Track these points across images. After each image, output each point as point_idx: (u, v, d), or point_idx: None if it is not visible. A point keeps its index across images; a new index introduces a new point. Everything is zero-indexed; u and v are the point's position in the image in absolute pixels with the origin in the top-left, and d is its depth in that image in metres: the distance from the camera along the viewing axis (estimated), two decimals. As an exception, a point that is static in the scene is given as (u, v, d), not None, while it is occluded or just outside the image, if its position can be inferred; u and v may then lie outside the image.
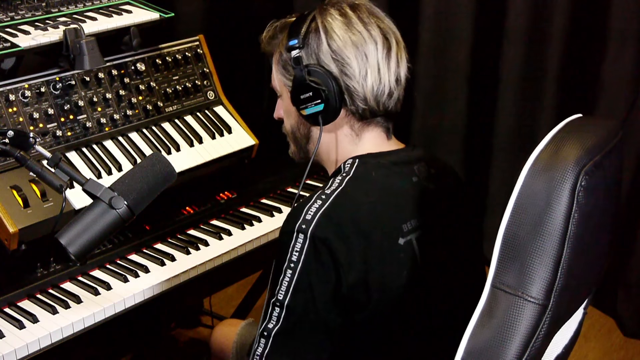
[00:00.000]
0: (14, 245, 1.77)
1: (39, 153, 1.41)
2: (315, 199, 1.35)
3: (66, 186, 1.35)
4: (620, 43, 2.68)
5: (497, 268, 1.09)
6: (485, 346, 1.09)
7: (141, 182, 1.34)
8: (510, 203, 1.08)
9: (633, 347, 2.83)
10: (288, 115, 1.53)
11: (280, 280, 1.33)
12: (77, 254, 1.28)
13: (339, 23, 1.40)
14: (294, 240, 1.32)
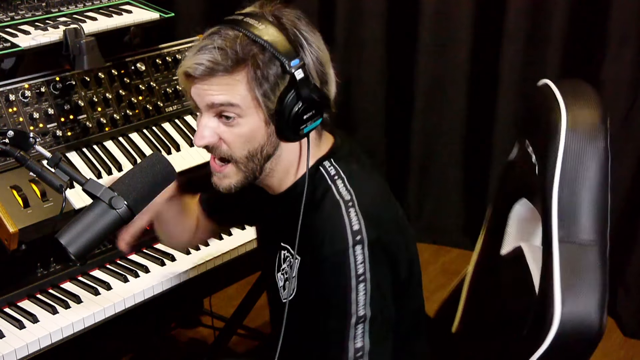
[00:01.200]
0: (14, 245, 1.77)
1: (39, 153, 1.41)
2: (345, 210, 1.35)
3: (66, 186, 1.35)
4: (620, 43, 2.68)
5: (560, 225, 1.24)
6: (581, 300, 1.21)
7: (141, 182, 1.32)
8: (557, 167, 1.25)
9: (633, 347, 2.83)
10: (249, 139, 1.35)
11: (353, 299, 1.32)
12: (77, 254, 1.28)
13: (314, 35, 1.36)
14: (353, 255, 1.32)
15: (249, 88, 1.31)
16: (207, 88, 1.32)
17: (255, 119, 1.33)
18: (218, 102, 1.32)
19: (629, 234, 2.87)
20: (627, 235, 2.87)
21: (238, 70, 1.30)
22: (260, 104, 1.32)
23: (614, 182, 2.23)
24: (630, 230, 2.86)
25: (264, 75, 1.30)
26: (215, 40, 1.31)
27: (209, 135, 1.35)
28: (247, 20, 1.32)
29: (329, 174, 1.41)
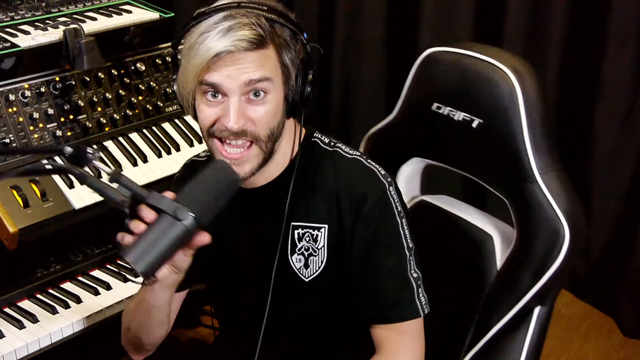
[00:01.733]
0: (14, 245, 1.77)
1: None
2: (365, 160, 1.44)
3: (129, 202, 1.24)
4: (620, 43, 2.68)
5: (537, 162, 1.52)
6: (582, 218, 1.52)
7: (204, 191, 1.25)
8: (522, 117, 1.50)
9: (633, 347, 2.83)
10: (274, 116, 1.37)
11: (403, 234, 1.42)
12: (145, 272, 1.19)
13: None
14: (391, 195, 1.42)
15: (279, 58, 1.34)
16: (241, 66, 1.30)
17: (279, 93, 1.36)
18: (256, 78, 1.31)
19: (629, 234, 2.86)
20: (627, 235, 2.87)
21: (268, 43, 1.32)
22: (289, 74, 1.36)
23: (614, 183, 2.28)
24: (630, 230, 2.86)
25: (287, 44, 1.34)
26: (236, 19, 1.30)
27: (243, 116, 1.34)
28: (245, 4, 1.33)
29: (324, 142, 1.48)
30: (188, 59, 1.32)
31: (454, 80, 1.61)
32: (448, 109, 1.61)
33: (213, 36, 1.29)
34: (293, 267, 1.46)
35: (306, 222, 1.44)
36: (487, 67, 1.55)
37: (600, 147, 2.83)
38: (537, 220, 1.48)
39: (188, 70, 1.33)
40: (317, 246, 1.44)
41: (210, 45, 1.28)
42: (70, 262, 1.92)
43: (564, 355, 2.77)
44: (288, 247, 1.46)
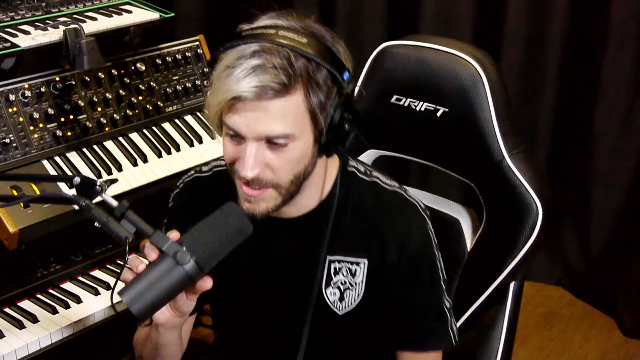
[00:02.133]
0: (14, 245, 1.77)
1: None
2: (405, 193, 1.43)
3: (132, 238, 1.21)
4: (620, 43, 2.68)
5: (504, 143, 1.58)
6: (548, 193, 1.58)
7: (211, 235, 1.19)
8: (490, 104, 1.56)
9: (633, 347, 2.83)
10: (297, 163, 1.27)
11: (438, 266, 1.43)
12: (140, 314, 1.15)
13: (343, 45, 1.32)
14: (431, 231, 1.42)
15: (306, 103, 1.23)
16: (259, 117, 1.22)
17: (307, 139, 1.26)
18: (273, 135, 1.23)
19: (629, 234, 2.87)
20: (627, 235, 2.87)
21: (295, 87, 1.21)
22: (317, 119, 1.25)
23: (614, 183, 2.28)
24: (630, 231, 2.86)
25: (318, 86, 1.24)
26: (263, 58, 1.20)
27: (259, 165, 1.25)
28: (283, 33, 1.23)
29: (361, 172, 1.43)
30: (213, 90, 1.25)
31: (414, 72, 1.64)
32: (409, 100, 1.64)
33: (236, 74, 1.20)
34: (327, 300, 1.41)
35: (344, 255, 1.39)
36: (449, 58, 1.60)
37: (600, 147, 2.83)
38: (509, 199, 1.54)
39: (211, 102, 1.25)
40: (355, 280, 1.40)
41: (229, 87, 1.21)
42: (70, 262, 1.92)
43: (564, 355, 2.77)
44: (323, 280, 1.41)
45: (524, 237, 1.52)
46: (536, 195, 1.52)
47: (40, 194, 1.73)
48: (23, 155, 1.89)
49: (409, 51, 1.67)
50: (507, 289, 1.58)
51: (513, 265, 1.54)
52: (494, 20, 2.84)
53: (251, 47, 1.21)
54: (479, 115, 1.56)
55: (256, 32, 1.24)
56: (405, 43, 1.68)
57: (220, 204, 1.23)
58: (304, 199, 1.36)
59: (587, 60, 2.77)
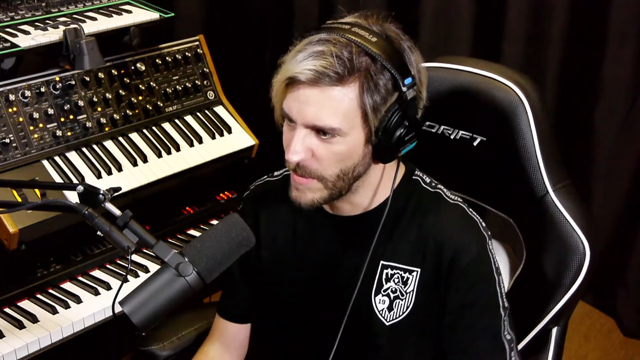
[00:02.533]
0: (14, 245, 1.77)
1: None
2: (467, 209, 1.37)
3: (134, 247, 1.22)
4: (620, 43, 2.68)
5: (549, 177, 1.48)
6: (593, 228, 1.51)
7: (213, 247, 1.19)
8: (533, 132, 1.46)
9: (633, 347, 2.83)
10: (344, 158, 1.27)
11: (498, 292, 1.35)
12: (140, 325, 1.15)
13: (417, 52, 1.30)
14: (490, 251, 1.35)
15: (359, 100, 1.22)
16: (312, 102, 1.22)
17: (356, 137, 1.25)
18: (319, 125, 1.23)
19: (629, 234, 2.87)
20: (627, 235, 2.87)
21: (350, 80, 1.21)
22: (368, 119, 1.24)
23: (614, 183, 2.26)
24: (630, 231, 2.86)
25: (376, 87, 1.22)
26: (326, 46, 1.21)
27: (304, 150, 1.25)
28: (355, 30, 1.24)
29: (425, 182, 1.40)
30: (279, 71, 1.27)
31: (448, 98, 1.52)
32: (443, 127, 1.54)
33: (299, 57, 1.22)
34: (375, 307, 1.38)
35: (398, 262, 1.37)
36: (487, 82, 1.48)
37: (601, 147, 2.83)
38: (553, 238, 1.43)
39: (275, 84, 1.28)
40: (406, 289, 1.36)
41: (289, 67, 1.23)
42: (70, 262, 1.92)
43: (564, 355, 2.77)
44: (373, 286, 1.38)
45: (568, 280, 1.41)
46: (583, 234, 1.41)
47: (43, 201, 1.73)
48: (23, 155, 1.89)
49: (442, 74, 1.54)
50: (549, 334, 1.47)
51: (557, 311, 1.42)
52: (494, 20, 2.84)
53: (320, 35, 1.24)
54: (520, 145, 1.44)
55: (333, 25, 1.26)
56: (439, 65, 1.56)
57: (287, 206, 1.28)
58: (358, 199, 1.36)
59: (587, 60, 2.77)
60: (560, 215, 1.42)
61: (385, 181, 1.37)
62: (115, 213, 1.24)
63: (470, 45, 2.99)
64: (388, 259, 1.37)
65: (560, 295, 1.42)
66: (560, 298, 1.42)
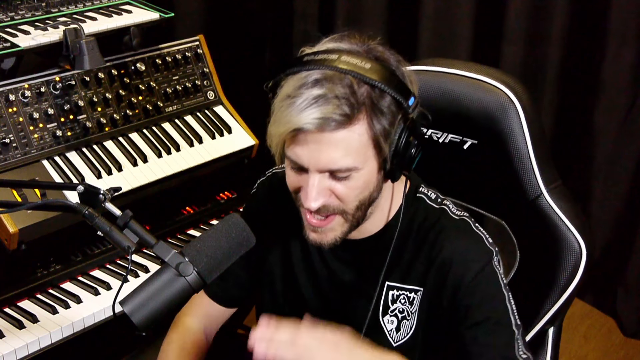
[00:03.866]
0: (14, 245, 1.77)
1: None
2: (474, 225, 1.34)
3: (135, 247, 1.22)
4: (620, 43, 2.68)
5: (542, 178, 1.46)
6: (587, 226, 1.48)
7: (214, 247, 1.19)
8: (527, 136, 1.43)
9: (633, 347, 2.83)
10: (363, 190, 1.25)
11: (510, 309, 1.30)
12: (141, 325, 1.15)
13: (409, 68, 1.28)
14: (497, 268, 1.31)
15: (369, 132, 1.20)
16: (324, 147, 1.19)
17: (370, 168, 1.24)
18: (335, 168, 1.21)
19: (629, 235, 2.87)
20: (626, 235, 2.87)
21: (357, 117, 1.18)
22: (380, 147, 1.22)
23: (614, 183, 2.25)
24: (630, 231, 2.86)
25: (382, 113, 1.20)
26: (325, 87, 1.17)
27: (323, 195, 1.23)
28: (345, 59, 1.19)
29: (431, 199, 1.37)
30: (275, 119, 1.21)
31: (436, 101, 1.49)
32: (431, 131, 1.51)
33: (298, 105, 1.17)
34: (384, 328, 1.36)
35: (403, 283, 1.34)
36: (476, 85, 1.46)
37: (600, 147, 2.83)
38: (547, 239, 1.42)
39: (273, 132, 1.23)
40: (412, 309, 1.34)
41: (291, 118, 1.17)
42: (70, 262, 1.92)
43: (564, 355, 2.77)
44: (380, 308, 1.36)
45: (564, 280, 1.40)
46: (579, 234, 1.40)
47: (43, 201, 1.72)
48: (23, 155, 1.89)
49: (429, 78, 1.52)
50: (545, 335, 1.46)
51: (554, 311, 1.42)
52: (494, 20, 2.84)
53: (313, 75, 1.18)
54: (512, 147, 1.42)
55: (318, 57, 1.20)
56: (425, 69, 1.54)
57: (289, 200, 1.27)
58: (368, 223, 1.33)
59: (587, 60, 2.76)
60: (555, 216, 1.41)
61: (394, 201, 1.34)
62: (115, 213, 1.24)
63: (470, 45, 2.99)
64: (393, 280, 1.35)
65: (556, 295, 1.41)
66: (557, 298, 1.41)
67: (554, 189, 1.43)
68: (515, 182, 1.44)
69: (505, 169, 1.44)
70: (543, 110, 2.92)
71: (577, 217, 1.42)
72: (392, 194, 1.34)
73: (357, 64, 1.19)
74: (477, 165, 1.48)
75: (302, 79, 1.18)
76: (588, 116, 2.81)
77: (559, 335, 1.48)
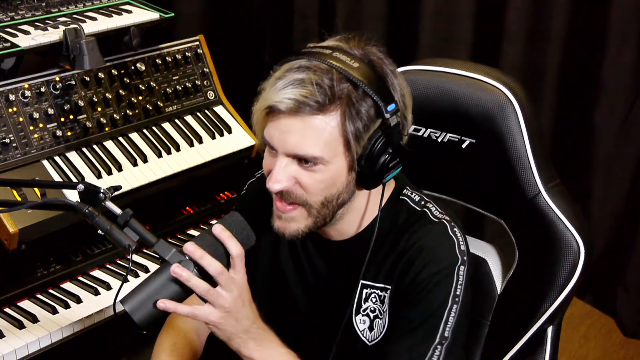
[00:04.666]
0: (14, 245, 1.77)
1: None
2: (450, 229, 1.32)
3: (135, 246, 1.22)
4: (620, 43, 2.68)
5: (540, 177, 1.45)
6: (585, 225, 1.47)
7: (214, 245, 1.19)
8: (524, 135, 1.43)
9: (633, 347, 2.83)
10: (328, 186, 1.25)
11: (444, 318, 1.28)
12: (142, 323, 1.15)
13: (399, 76, 1.28)
14: (457, 274, 1.29)
15: (340, 128, 1.21)
16: (293, 131, 1.21)
17: (339, 165, 1.24)
18: (301, 154, 1.22)
19: (629, 235, 2.87)
20: (626, 235, 2.87)
21: (332, 108, 1.20)
22: (350, 147, 1.22)
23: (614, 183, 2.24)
24: (630, 231, 2.86)
25: (358, 115, 1.21)
26: (307, 73, 1.19)
27: (286, 179, 1.24)
28: (337, 55, 1.22)
29: (414, 201, 1.37)
30: (259, 98, 1.25)
31: (434, 101, 1.49)
32: (429, 131, 1.51)
33: (278, 85, 1.20)
34: (356, 328, 1.36)
35: (375, 281, 1.35)
36: (474, 84, 1.46)
37: (600, 147, 2.83)
38: (546, 237, 1.41)
39: (255, 112, 1.26)
40: (383, 308, 1.34)
41: (269, 96, 1.21)
42: (70, 262, 1.92)
43: (564, 355, 2.77)
44: (353, 307, 1.36)
45: (563, 279, 1.40)
46: (577, 233, 1.39)
47: (43, 200, 1.73)
48: (23, 155, 1.89)
49: (427, 77, 1.52)
50: (544, 334, 1.45)
51: (552, 310, 1.41)
52: (494, 20, 2.84)
53: (300, 62, 1.22)
54: (510, 146, 1.42)
55: (314, 50, 1.24)
56: (423, 68, 1.54)
57: None
58: (345, 225, 1.34)
59: (587, 60, 2.76)
60: (553, 215, 1.41)
61: (371, 206, 1.35)
62: (115, 212, 1.25)
63: (470, 45, 2.99)
64: (367, 279, 1.35)
65: (555, 294, 1.41)
66: (555, 297, 1.41)
67: (552, 187, 1.43)
68: (513, 181, 1.44)
69: (503, 168, 1.44)
70: (543, 110, 2.92)
71: (575, 215, 1.42)
72: (368, 199, 1.34)
73: (346, 61, 1.21)
74: (475, 165, 1.48)
75: (290, 65, 1.23)
76: (588, 116, 2.81)
77: (558, 335, 1.47)
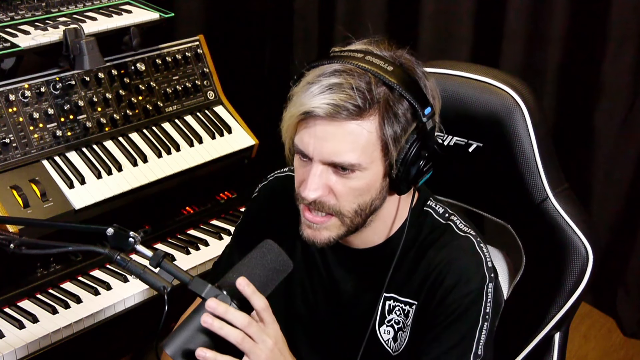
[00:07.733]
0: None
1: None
2: (477, 246, 1.30)
3: (170, 287, 1.18)
4: (620, 43, 2.68)
5: (549, 182, 1.45)
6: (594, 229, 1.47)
7: (250, 277, 1.15)
8: (533, 141, 1.41)
9: (633, 347, 2.83)
10: (362, 193, 1.22)
11: (476, 336, 1.27)
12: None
13: (431, 79, 1.26)
14: (485, 294, 1.28)
15: (379, 132, 1.18)
16: (330, 137, 1.17)
17: (375, 171, 1.22)
18: (339, 161, 1.18)
19: (629, 234, 2.87)
20: (627, 235, 2.87)
21: (369, 113, 1.17)
22: (388, 151, 1.20)
23: (614, 182, 2.24)
24: (630, 231, 2.86)
25: (396, 117, 1.19)
26: (343, 77, 1.17)
27: (322, 187, 1.20)
28: (369, 59, 1.20)
29: (438, 213, 1.35)
30: (289, 105, 1.22)
31: (440, 103, 1.45)
32: (436, 134, 1.50)
33: (312, 90, 1.17)
34: (380, 338, 1.35)
35: (399, 295, 1.33)
36: (481, 87, 1.44)
37: (600, 147, 2.83)
38: (553, 243, 1.40)
39: (286, 118, 1.22)
40: (407, 322, 1.33)
41: (303, 102, 1.17)
42: (70, 262, 1.92)
43: (564, 355, 2.78)
44: (377, 318, 1.35)
45: (571, 284, 1.39)
46: (585, 238, 1.38)
47: (74, 247, 1.70)
48: (23, 155, 1.89)
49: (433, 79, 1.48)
50: (551, 341, 1.43)
51: (560, 316, 1.39)
52: (494, 20, 2.84)
53: (333, 66, 1.19)
54: (517, 150, 1.40)
55: (343, 54, 1.22)
56: (429, 70, 1.45)
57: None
58: (371, 233, 1.32)
59: (587, 60, 2.76)
60: (561, 220, 1.39)
61: (400, 213, 1.32)
62: (146, 254, 1.21)
63: (470, 45, 2.99)
64: (390, 291, 1.34)
65: (563, 300, 1.39)
66: (563, 303, 1.39)
67: (560, 192, 1.41)
68: (521, 185, 1.42)
69: (510, 172, 1.42)
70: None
71: (583, 221, 1.40)
72: (397, 206, 1.32)
73: (380, 65, 1.19)
74: (482, 168, 1.46)
75: (323, 69, 1.20)
76: (588, 116, 2.81)
77: (565, 341, 1.44)
